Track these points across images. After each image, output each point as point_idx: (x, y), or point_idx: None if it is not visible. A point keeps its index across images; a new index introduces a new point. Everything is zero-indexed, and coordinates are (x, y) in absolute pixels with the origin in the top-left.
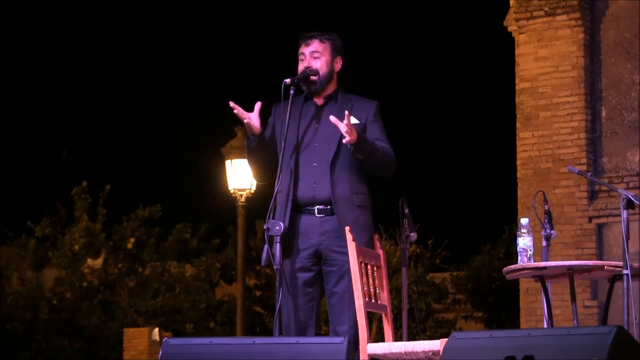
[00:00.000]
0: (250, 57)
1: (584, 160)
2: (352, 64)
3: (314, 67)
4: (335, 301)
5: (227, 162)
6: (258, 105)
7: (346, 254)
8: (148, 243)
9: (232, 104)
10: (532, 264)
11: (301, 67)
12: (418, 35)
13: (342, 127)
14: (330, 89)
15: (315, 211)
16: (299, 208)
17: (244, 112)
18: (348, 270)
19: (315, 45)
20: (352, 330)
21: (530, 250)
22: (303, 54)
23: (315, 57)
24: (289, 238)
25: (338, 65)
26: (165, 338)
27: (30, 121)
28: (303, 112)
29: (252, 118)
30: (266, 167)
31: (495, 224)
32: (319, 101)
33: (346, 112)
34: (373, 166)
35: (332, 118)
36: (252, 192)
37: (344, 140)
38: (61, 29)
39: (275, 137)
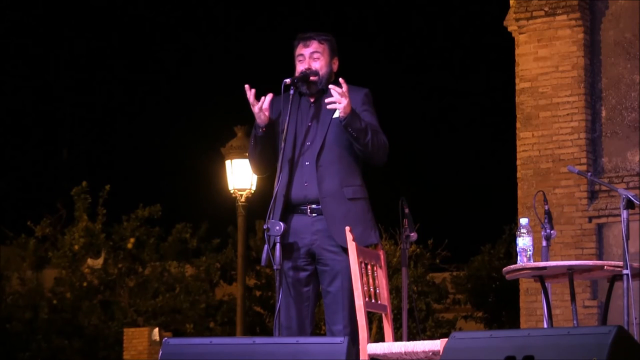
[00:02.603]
0: (250, 57)
1: (584, 160)
2: (351, 64)
3: (314, 68)
4: (330, 301)
5: (227, 162)
6: (269, 97)
7: (338, 253)
8: (148, 243)
9: (247, 86)
10: (532, 264)
11: (300, 68)
12: (418, 35)
13: (336, 96)
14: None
15: (308, 210)
16: (292, 208)
17: (255, 99)
18: (342, 270)
19: (314, 46)
20: (347, 330)
21: (530, 250)
22: (302, 54)
23: (315, 58)
24: (285, 238)
25: (336, 66)
26: (165, 338)
27: (30, 121)
28: (298, 111)
29: (263, 107)
30: (267, 159)
31: (495, 224)
32: (312, 98)
33: (341, 80)
34: (367, 148)
35: (329, 99)
36: (252, 192)
37: (334, 106)
38: (61, 29)
39: (275, 131)
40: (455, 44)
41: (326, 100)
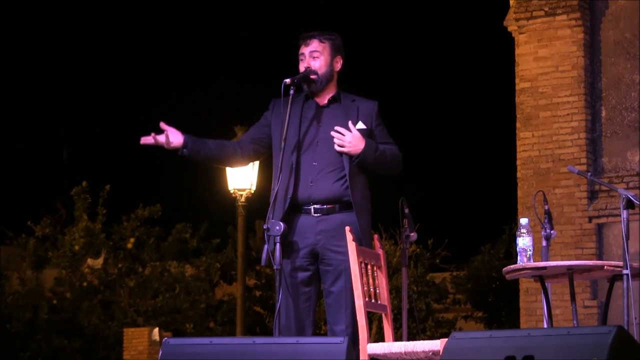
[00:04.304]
0: (250, 57)
1: (584, 160)
2: (351, 64)
3: (313, 67)
4: (332, 301)
5: None
6: (163, 126)
7: (342, 253)
8: (148, 243)
9: (143, 141)
10: (532, 264)
11: (301, 67)
12: (418, 35)
13: (347, 139)
14: (332, 89)
15: (312, 210)
16: (296, 207)
17: (155, 138)
18: (345, 270)
19: (314, 45)
20: (349, 330)
21: (530, 250)
22: (303, 54)
23: (314, 57)
24: (287, 237)
25: (338, 65)
26: (165, 338)
27: (30, 121)
28: (303, 112)
29: (164, 139)
30: (216, 159)
31: (495, 224)
32: (320, 101)
33: (349, 124)
34: (379, 171)
35: (346, 130)
36: (252, 192)
37: (339, 149)
38: (61, 29)
39: (271, 132)
40: (455, 44)
41: (335, 142)
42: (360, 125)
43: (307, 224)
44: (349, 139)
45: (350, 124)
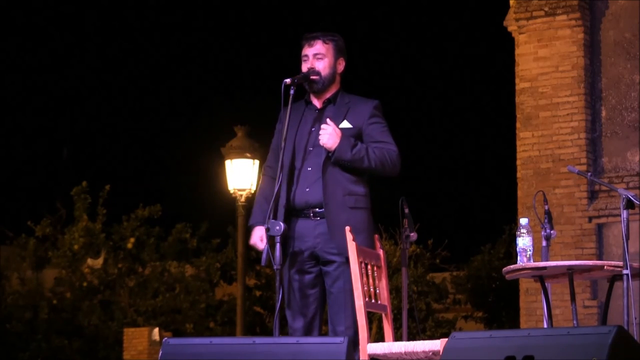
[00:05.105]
0: (250, 57)
1: (584, 160)
2: (351, 64)
3: (316, 69)
4: (332, 301)
5: (227, 162)
6: (255, 245)
7: (340, 254)
8: (148, 243)
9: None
10: (532, 264)
11: (304, 68)
12: (418, 35)
13: (322, 131)
14: (332, 90)
15: (311, 214)
16: (295, 212)
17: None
18: (344, 272)
19: (318, 47)
20: (350, 331)
21: (530, 250)
22: (306, 55)
23: (318, 58)
24: (288, 241)
25: (341, 67)
26: (165, 338)
27: (30, 120)
28: (303, 116)
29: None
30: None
31: (495, 224)
32: (318, 104)
33: (327, 120)
34: (368, 170)
35: (325, 124)
36: (252, 192)
37: (320, 142)
38: (62, 28)
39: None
40: (455, 44)
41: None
42: (345, 124)
43: (306, 228)
44: (330, 131)
45: (328, 120)
